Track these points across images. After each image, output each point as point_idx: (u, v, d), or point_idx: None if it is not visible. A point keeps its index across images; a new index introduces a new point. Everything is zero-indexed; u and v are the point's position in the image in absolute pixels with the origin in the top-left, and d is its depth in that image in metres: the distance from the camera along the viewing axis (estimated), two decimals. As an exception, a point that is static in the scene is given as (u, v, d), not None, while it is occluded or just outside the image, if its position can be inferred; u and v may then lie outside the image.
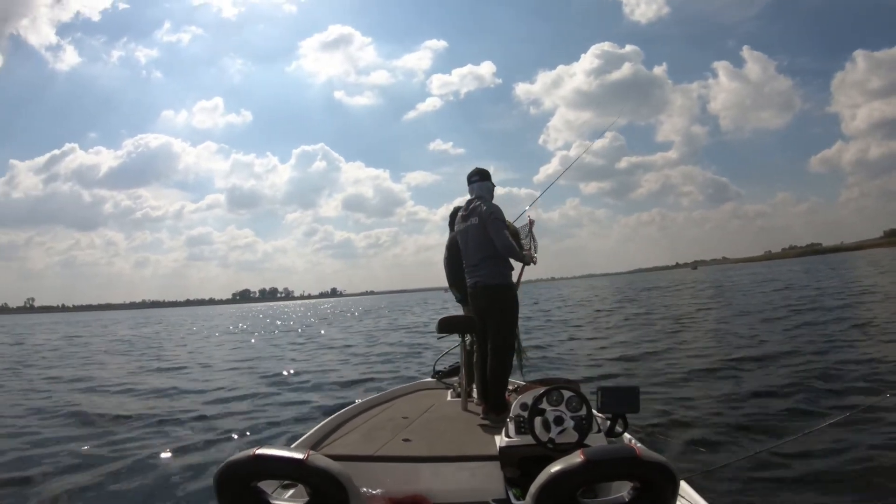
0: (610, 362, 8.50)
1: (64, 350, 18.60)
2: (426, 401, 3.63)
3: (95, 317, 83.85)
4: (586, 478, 1.29)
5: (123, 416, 6.66)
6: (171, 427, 5.96)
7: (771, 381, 6.19)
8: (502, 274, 3.30)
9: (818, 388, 5.67)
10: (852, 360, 6.81)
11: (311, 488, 1.41)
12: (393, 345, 13.80)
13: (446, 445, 2.63)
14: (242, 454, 1.39)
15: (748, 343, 9.13)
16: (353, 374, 9.26)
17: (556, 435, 2.19)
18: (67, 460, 4.82)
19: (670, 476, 1.28)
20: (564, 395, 2.27)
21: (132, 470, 4.47)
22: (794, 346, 8.27)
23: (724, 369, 7.14)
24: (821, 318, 11.30)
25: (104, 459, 4.75)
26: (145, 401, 7.82)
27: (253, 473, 1.40)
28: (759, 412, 5.01)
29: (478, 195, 3.42)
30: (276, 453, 1.42)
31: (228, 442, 5.17)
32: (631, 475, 1.30)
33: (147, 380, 10.04)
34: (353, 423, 3.11)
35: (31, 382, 10.41)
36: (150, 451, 4.95)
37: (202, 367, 11.72)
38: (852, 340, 8.46)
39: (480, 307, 3.34)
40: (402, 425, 2.97)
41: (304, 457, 1.38)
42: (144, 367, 12.12)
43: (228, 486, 1.39)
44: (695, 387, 6.31)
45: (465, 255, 3.41)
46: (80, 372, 11.73)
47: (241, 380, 9.36)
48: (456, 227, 3.54)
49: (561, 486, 1.27)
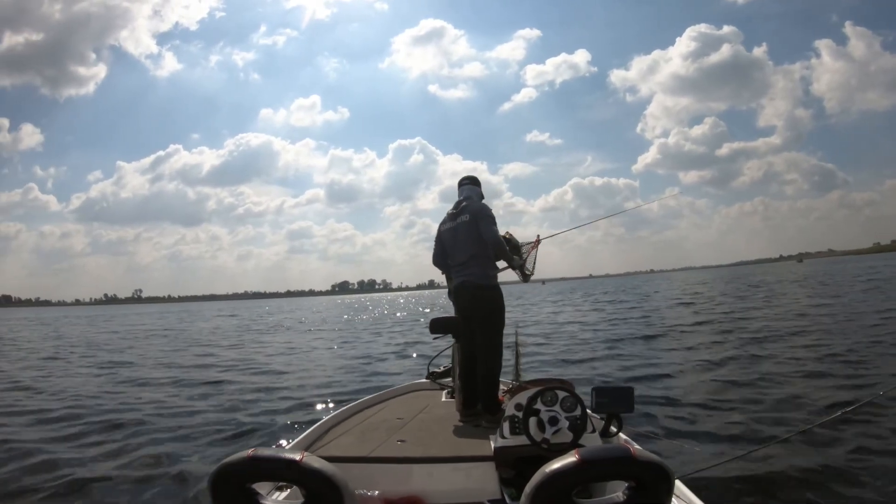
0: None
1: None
2: (420, 402, 3.62)
3: (235, 305, 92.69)
4: (581, 478, 1.29)
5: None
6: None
7: (773, 378, 6.25)
8: (489, 275, 3.29)
9: (818, 385, 5.72)
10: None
11: (305, 490, 1.40)
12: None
13: (441, 446, 2.62)
14: (237, 455, 1.39)
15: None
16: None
17: (551, 435, 2.19)
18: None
19: (665, 475, 1.28)
20: (559, 395, 2.27)
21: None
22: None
23: (721, 364, 7.19)
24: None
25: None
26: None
27: (248, 475, 1.40)
28: (757, 410, 5.05)
29: (467, 196, 3.42)
30: (270, 454, 1.41)
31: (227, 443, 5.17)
32: (626, 475, 1.31)
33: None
34: (347, 425, 3.10)
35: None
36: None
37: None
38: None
39: (467, 307, 3.31)
40: (396, 426, 2.96)
41: (299, 458, 1.38)
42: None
43: (223, 487, 1.38)
44: (689, 384, 6.35)
45: (453, 254, 3.38)
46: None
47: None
48: (442, 227, 3.49)
49: (556, 486, 1.27)
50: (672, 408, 5.36)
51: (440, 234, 3.50)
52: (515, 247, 3.57)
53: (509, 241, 3.47)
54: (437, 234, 3.53)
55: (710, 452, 3.97)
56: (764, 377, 6.40)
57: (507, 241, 3.43)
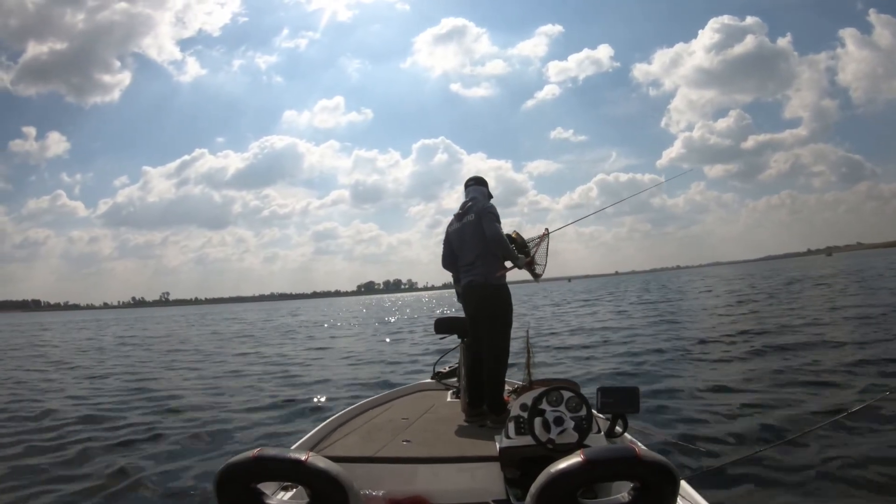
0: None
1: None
2: (426, 402, 3.62)
3: (262, 307, 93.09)
4: (586, 478, 1.29)
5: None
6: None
7: (777, 378, 6.20)
8: (496, 274, 3.27)
9: (821, 386, 5.66)
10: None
11: (311, 489, 1.40)
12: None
13: (446, 446, 2.63)
14: (242, 455, 1.39)
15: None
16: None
17: (556, 435, 2.19)
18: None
19: (671, 476, 1.28)
20: (564, 395, 2.27)
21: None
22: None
23: (728, 363, 7.11)
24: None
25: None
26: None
27: (253, 475, 1.40)
28: (760, 411, 5.01)
29: (473, 196, 3.43)
30: (276, 454, 1.41)
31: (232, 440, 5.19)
32: (631, 475, 1.30)
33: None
34: (352, 425, 3.10)
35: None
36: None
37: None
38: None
39: (474, 307, 3.32)
40: (401, 426, 2.96)
41: (304, 458, 1.38)
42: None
43: (228, 487, 1.39)
44: (695, 384, 6.31)
45: (461, 254, 3.39)
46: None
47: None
48: (450, 228, 3.51)
49: (561, 486, 1.27)
50: (678, 408, 5.33)
51: (448, 235, 3.52)
52: (522, 245, 3.52)
53: (515, 240, 3.44)
54: (446, 235, 3.54)
55: (716, 453, 3.95)
56: (774, 378, 6.34)
57: (513, 241, 3.41)
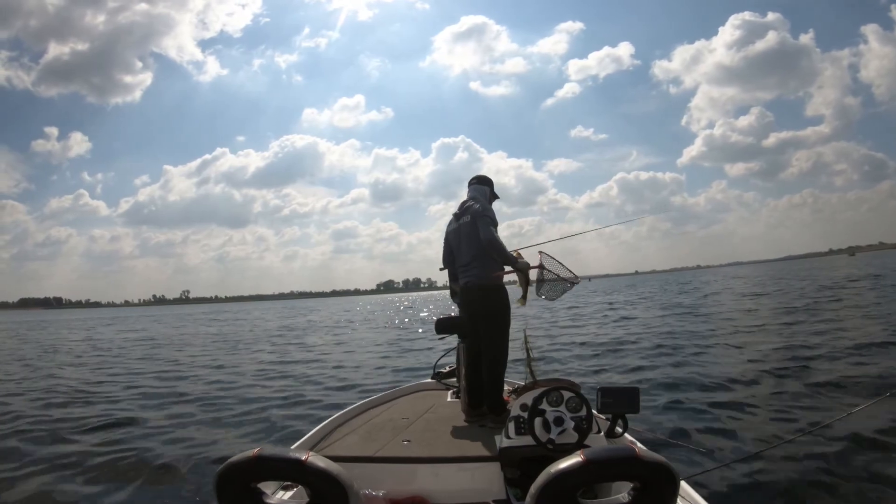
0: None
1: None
2: (426, 402, 3.62)
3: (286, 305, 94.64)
4: (586, 478, 1.29)
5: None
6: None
7: (777, 381, 6.18)
8: (492, 276, 3.25)
9: (822, 387, 5.66)
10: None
11: (311, 489, 1.41)
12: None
13: (446, 446, 2.63)
14: (242, 455, 1.39)
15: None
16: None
17: (556, 435, 2.19)
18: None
19: (670, 476, 1.28)
20: (564, 395, 2.27)
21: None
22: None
23: (733, 364, 7.10)
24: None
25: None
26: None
27: (253, 474, 1.40)
28: (760, 411, 5.01)
29: (472, 196, 3.41)
30: (276, 454, 1.42)
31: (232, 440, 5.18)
32: (631, 475, 1.31)
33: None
34: (352, 424, 3.10)
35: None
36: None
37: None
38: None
39: (472, 307, 3.31)
40: (402, 426, 2.96)
41: (304, 458, 1.38)
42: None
43: (228, 486, 1.39)
44: (697, 384, 6.31)
45: (458, 255, 3.38)
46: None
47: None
48: (448, 228, 3.49)
49: (561, 486, 1.28)
50: (678, 409, 5.32)
51: (446, 235, 3.51)
52: (524, 267, 3.23)
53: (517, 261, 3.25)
54: (445, 235, 3.53)
55: (716, 453, 3.95)
56: (777, 378, 6.34)
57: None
